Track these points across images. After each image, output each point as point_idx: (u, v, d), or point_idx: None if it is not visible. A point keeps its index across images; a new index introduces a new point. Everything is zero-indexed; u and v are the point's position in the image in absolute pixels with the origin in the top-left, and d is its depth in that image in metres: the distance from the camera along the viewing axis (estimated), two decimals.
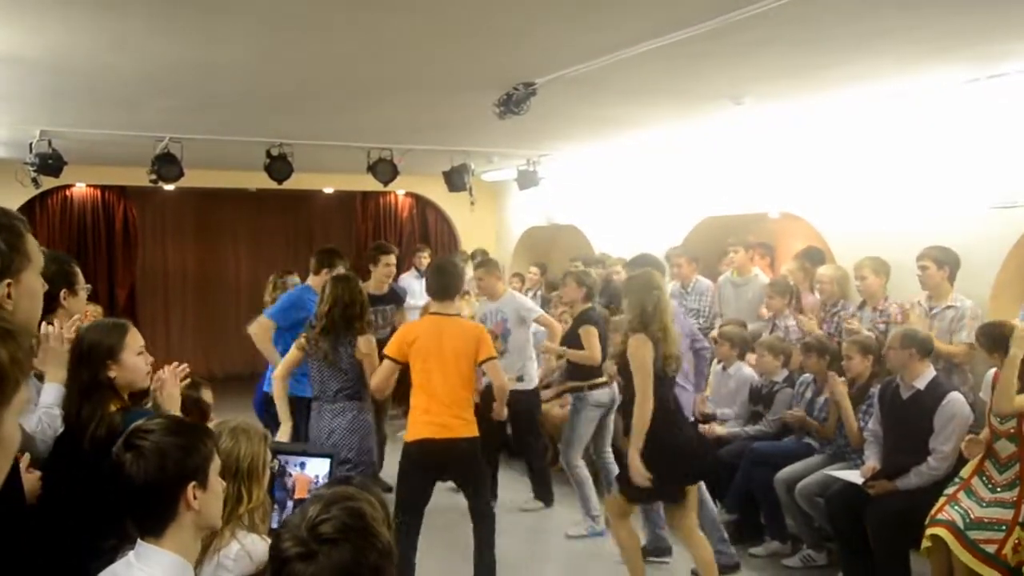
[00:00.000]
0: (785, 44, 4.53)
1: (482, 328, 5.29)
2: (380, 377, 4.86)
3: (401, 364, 4.86)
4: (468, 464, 4.94)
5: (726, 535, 5.48)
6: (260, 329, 6.00)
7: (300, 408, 5.33)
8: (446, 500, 5.70)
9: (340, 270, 5.82)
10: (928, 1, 3.83)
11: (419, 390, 4.86)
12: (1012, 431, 4.49)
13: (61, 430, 2.90)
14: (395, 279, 7.66)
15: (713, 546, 4.97)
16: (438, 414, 4.81)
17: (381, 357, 4.91)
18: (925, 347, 5.03)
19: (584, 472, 6.25)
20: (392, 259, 6.80)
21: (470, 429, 4.87)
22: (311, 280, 6.12)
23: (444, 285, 5.03)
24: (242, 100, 6.07)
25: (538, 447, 6.94)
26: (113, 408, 2.89)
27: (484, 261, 7.22)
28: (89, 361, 2.92)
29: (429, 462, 4.86)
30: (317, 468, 3.14)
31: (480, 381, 6.96)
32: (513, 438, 7.15)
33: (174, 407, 3.07)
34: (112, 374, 2.93)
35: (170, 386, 3.10)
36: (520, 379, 6.39)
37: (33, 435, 2.79)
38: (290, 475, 3.06)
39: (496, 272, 6.86)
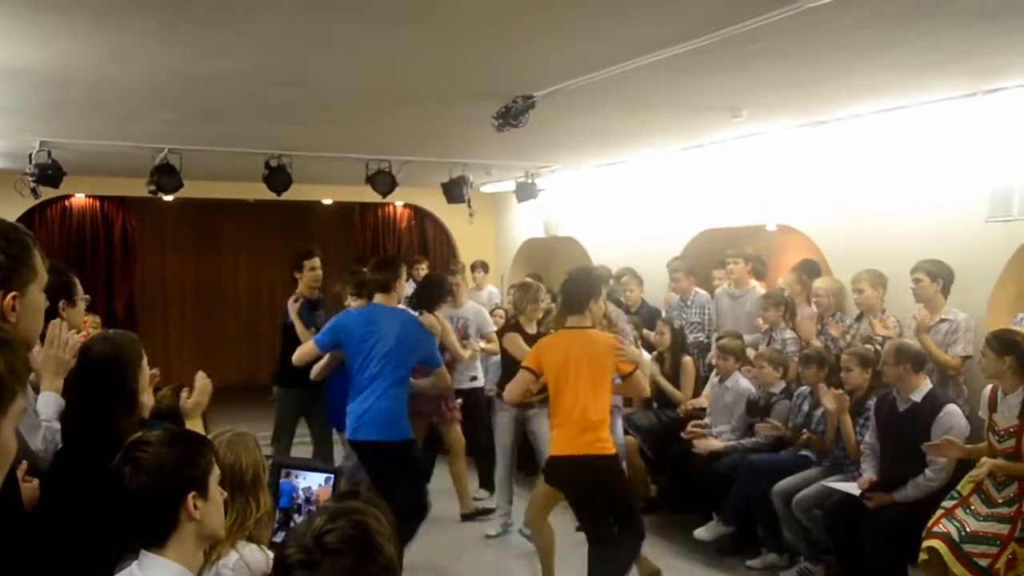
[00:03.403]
0: (782, 58, 4.56)
1: (610, 338, 4.95)
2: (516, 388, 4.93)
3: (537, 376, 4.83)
4: None
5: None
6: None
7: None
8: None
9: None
10: (925, 16, 3.86)
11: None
12: (1011, 450, 4.50)
13: (61, 446, 2.87)
14: None
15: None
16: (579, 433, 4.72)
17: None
18: (919, 361, 5.04)
19: (500, 479, 6.63)
20: (316, 262, 6.71)
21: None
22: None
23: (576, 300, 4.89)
24: (241, 111, 6.08)
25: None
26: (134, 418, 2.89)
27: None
28: (118, 370, 2.88)
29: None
30: (315, 482, 3.14)
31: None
32: None
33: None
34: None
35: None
36: None
37: (38, 453, 2.77)
38: (296, 487, 3.06)
39: None
